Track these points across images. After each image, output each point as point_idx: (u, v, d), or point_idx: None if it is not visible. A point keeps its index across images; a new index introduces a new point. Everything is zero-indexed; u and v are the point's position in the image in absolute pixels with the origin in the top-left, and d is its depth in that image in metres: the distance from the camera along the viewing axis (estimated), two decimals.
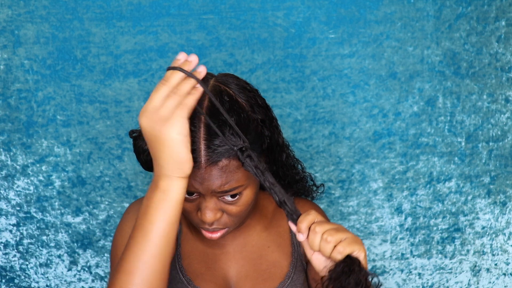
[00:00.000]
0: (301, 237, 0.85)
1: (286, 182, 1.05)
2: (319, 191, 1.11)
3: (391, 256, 1.55)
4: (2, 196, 1.44)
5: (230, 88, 0.88)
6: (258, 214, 1.05)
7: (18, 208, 1.45)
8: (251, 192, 0.90)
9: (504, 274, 1.59)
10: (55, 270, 1.48)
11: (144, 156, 0.90)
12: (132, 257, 0.80)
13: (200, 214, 0.89)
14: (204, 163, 0.83)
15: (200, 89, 0.80)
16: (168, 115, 0.76)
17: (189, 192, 0.87)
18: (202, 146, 0.83)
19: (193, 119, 0.83)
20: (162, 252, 0.81)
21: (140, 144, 0.91)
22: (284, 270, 1.02)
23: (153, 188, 0.81)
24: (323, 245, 0.83)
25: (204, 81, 0.84)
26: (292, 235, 1.06)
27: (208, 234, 0.93)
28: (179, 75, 0.79)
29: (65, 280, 1.49)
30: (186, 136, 0.77)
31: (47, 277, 1.48)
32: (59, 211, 1.46)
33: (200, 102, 0.84)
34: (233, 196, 0.87)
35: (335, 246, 0.83)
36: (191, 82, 0.79)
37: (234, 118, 0.84)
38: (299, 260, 1.04)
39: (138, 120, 0.79)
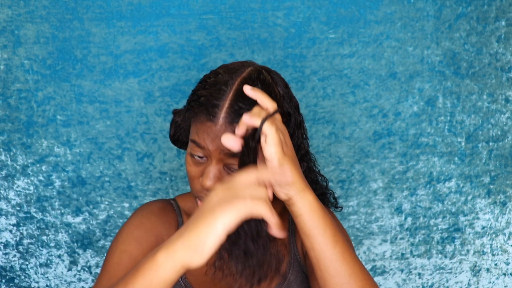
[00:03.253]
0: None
1: None
2: (337, 211, 1.11)
3: (391, 256, 1.55)
4: (2, 196, 1.44)
5: (272, 76, 0.92)
6: None
7: (18, 208, 1.45)
8: None
9: (504, 274, 1.59)
10: (55, 270, 1.48)
11: (178, 131, 0.96)
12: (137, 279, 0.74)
13: (202, 179, 0.89)
14: (222, 120, 0.84)
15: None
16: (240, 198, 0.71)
17: (198, 152, 0.88)
18: (226, 103, 0.84)
19: (227, 82, 0.86)
20: None
21: (177, 120, 0.96)
22: (281, 271, 1.02)
23: (157, 250, 0.73)
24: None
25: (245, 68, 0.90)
26: (290, 234, 1.05)
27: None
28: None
29: (65, 280, 1.49)
30: (222, 237, 0.70)
31: (47, 277, 1.48)
32: (59, 211, 1.45)
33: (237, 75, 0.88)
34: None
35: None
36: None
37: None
38: (296, 259, 1.04)
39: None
